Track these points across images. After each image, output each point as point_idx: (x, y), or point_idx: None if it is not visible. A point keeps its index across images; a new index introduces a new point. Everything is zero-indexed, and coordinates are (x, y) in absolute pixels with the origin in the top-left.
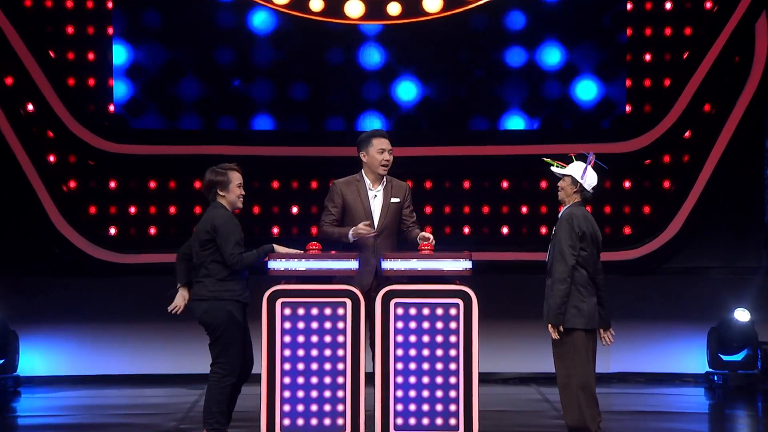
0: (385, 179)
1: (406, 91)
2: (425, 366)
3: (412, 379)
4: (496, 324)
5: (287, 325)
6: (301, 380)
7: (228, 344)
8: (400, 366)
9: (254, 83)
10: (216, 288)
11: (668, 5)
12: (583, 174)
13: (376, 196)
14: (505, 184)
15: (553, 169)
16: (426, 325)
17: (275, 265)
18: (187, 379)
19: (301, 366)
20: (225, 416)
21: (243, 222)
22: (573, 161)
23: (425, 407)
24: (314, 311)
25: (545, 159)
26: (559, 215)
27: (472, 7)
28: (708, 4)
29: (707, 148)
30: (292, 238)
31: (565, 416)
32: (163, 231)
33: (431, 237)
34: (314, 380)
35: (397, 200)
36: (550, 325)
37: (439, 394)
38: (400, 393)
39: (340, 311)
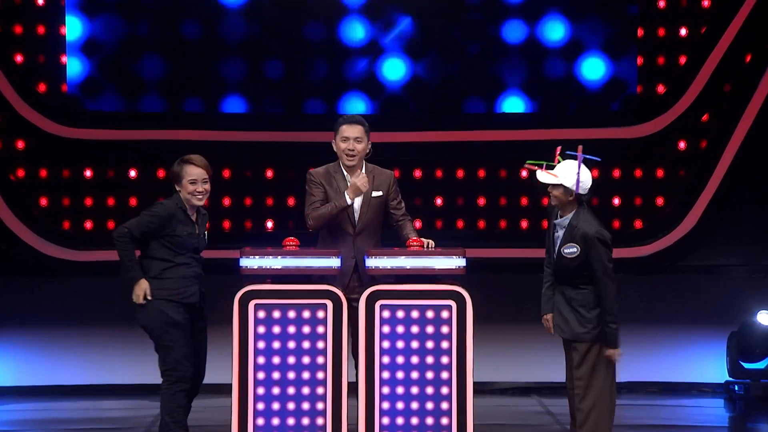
0: (364, 169)
1: (393, 69)
2: (414, 375)
3: (400, 390)
4: (493, 328)
5: (261, 329)
6: (276, 391)
7: (168, 348)
8: (386, 375)
9: (224, 61)
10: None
11: None
12: (576, 182)
13: None
14: (503, 173)
15: (540, 177)
16: (415, 329)
17: (247, 262)
18: (148, 389)
19: (276, 375)
20: (181, 425)
21: (212, 215)
22: (560, 161)
23: (414, 420)
24: (291, 314)
25: (528, 164)
26: (565, 223)
27: None
28: None
29: (727, 133)
30: (266, 234)
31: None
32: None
33: (429, 242)
34: (291, 391)
35: (379, 194)
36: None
37: (429, 406)
38: (386, 405)
39: (320, 314)
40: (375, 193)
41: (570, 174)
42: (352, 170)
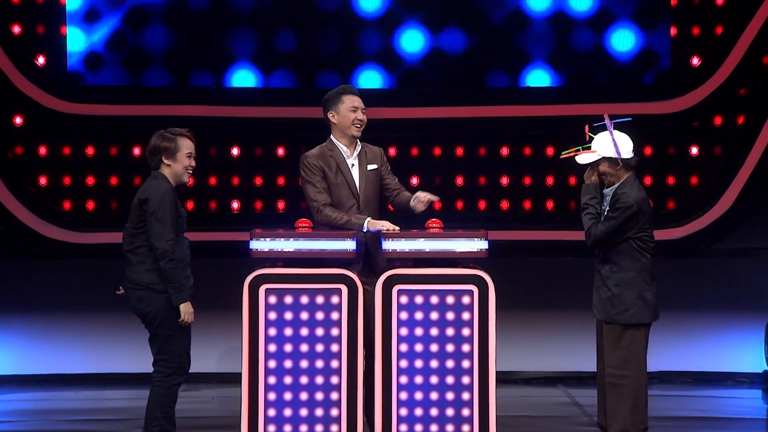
0: (359, 144)
1: (412, 41)
2: (434, 364)
3: (419, 380)
4: (517, 315)
5: (272, 315)
6: (288, 380)
7: (169, 338)
8: (404, 364)
9: (233, 32)
10: (151, 279)
11: None
12: (615, 147)
13: (353, 165)
14: (527, 151)
15: (580, 159)
16: (434, 315)
17: (258, 245)
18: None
19: (288, 364)
20: (171, 422)
21: (219, 196)
22: (592, 138)
23: (434, 412)
24: (304, 299)
25: (563, 155)
26: (611, 192)
27: None
28: None
29: (766, 107)
30: (278, 215)
31: (610, 423)
32: (126, 205)
33: (430, 196)
34: (304, 380)
35: (374, 167)
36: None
37: (449, 396)
38: (404, 395)
39: (335, 300)
40: (370, 166)
41: (606, 143)
42: (351, 144)
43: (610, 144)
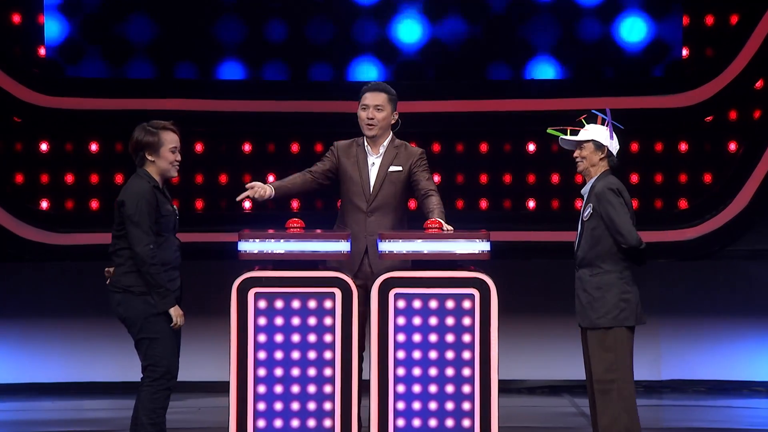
0: (387, 143)
1: (409, 31)
2: (432, 372)
3: (417, 388)
4: (520, 320)
5: (262, 321)
6: (279, 389)
7: (153, 341)
8: (401, 372)
9: (220, 22)
10: (131, 281)
11: None
12: (610, 133)
13: (374, 163)
14: (531, 147)
15: (566, 138)
16: (434, 321)
17: (247, 246)
18: (134, 388)
19: (279, 372)
20: (158, 429)
21: (207, 194)
22: (584, 125)
23: (432, 422)
24: (295, 304)
25: (550, 131)
26: (588, 188)
27: None
28: None
29: None
30: (268, 214)
31: (604, 429)
32: (108, 204)
33: (447, 228)
34: (295, 389)
35: (398, 169)
36: None
37: (449, 406)
38: (401, 405)
39: (328, 304)
40: (393, 168)
41: (600, 130)
42: (374, 142)
43: (606, 132)
